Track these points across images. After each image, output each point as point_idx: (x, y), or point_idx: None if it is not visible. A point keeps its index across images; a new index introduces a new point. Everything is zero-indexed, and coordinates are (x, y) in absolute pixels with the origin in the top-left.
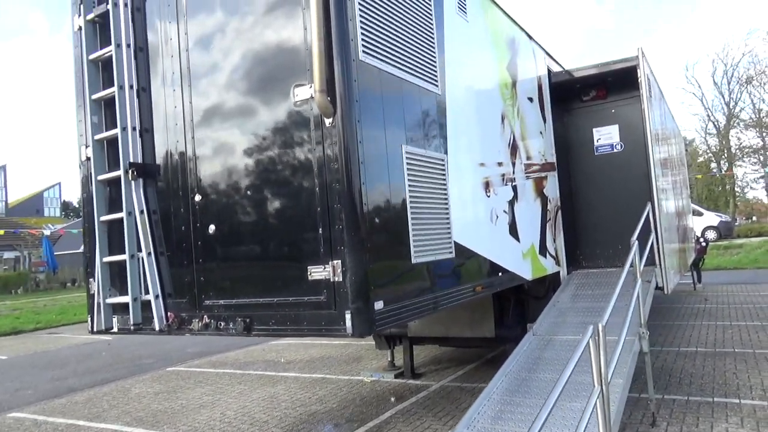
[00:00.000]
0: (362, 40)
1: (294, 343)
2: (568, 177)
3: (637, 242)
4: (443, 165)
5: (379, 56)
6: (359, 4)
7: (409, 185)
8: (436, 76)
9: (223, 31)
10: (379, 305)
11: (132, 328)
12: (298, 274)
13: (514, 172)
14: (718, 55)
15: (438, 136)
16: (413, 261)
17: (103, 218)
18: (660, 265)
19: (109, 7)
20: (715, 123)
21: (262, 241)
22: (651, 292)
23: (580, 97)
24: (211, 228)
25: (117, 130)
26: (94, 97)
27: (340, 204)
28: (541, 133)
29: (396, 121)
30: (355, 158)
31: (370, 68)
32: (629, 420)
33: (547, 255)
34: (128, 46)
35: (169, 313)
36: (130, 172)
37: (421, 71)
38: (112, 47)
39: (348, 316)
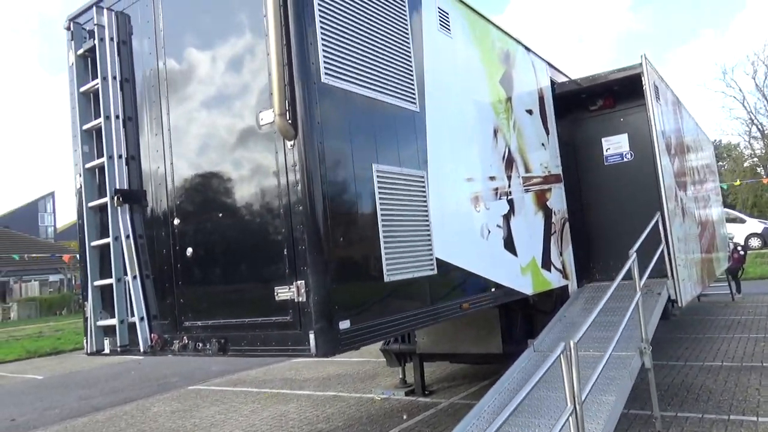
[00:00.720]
0: (324, 63)
1: (312, 360)
2: (578, 188)
3: (635, 254)
4: (422, 182)
5: (344, 78)
6: (321, 29)
7: (381, 203)
8: (413, 94)
9: (196, 60)
10: (344, 325)
11: (119, 349)
12: (266, 294)
13: (509, 186)
14: (759, 56)
15: (416, 153)
16: (386, 279)
17: (94, 243)
18: (672, 276)
19: (96, 42)
20: (759, 126)
21: (233, 262)
22: (661, 304)
23: (587, 107)
24: (189, 251)
25: (104, 159)
26: (84, 127)
27: (302, 225)
28: (543, 145)
29: (365, 141)
30: (317, 179)
31: (334, 90)
32: None
33: (552, 269)
34: (114, 78)
35: (152, 335)
36: (115, 198)
37: (394, 90)
38: (98, 80)
39: (312, 336)
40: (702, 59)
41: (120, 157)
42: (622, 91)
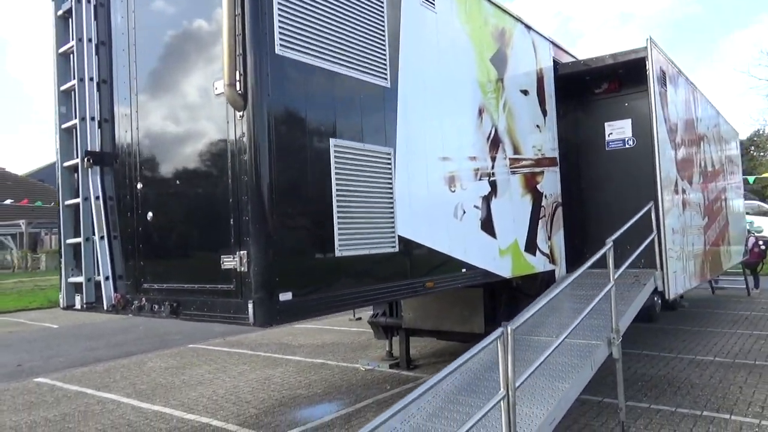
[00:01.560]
0: (280, 34)
1: (313, 328)
2: (577, 173)
3: (612, 243)
4: (389, 159)
5: (301, 50)
6: (278, 0)
7: (337, 178)
8: (384, 70)
9: (161, 27)
10: (286, 296)
11: (84, 306)
12: (214, 262)
13: (493, 167)
14: None
15: (383, 130)
16: (338, 254)
17: (68, 202)
18: (662, 267)
19: (73, 3)
20: None
21: (187, 229)
22: (644, 295)
23: (592, 89)
24: (149, 215)
25: (77, 120)
26: (62, 88)
27: (247, 196)
28: (538, 126)
29: (323, 115)
30: (263, 151)
31: (290, 62)
32: (601, 426)
33: (537, 252)
34: (89, 40)
35: (116, 294)
36: (85, 160)
37: (361, 65)
38: (73, 41)
39: (250, 306)
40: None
41: (93, 119)
42: (628, 75)
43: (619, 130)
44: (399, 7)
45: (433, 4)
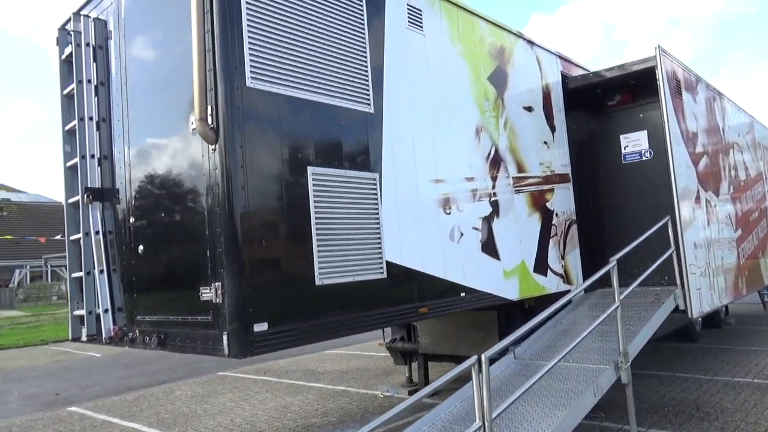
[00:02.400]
0: (251, 67)
1: (342, 353)
2: (594, 188)
3: (615, 262)
4: (374, 184)
5: (275, 81)
6: (250, 35)
7: (316, 206)
8: (367, 95)
9: (147, 66)
10: (261, 327)
11: (86, 338)
12: (194, 294)
13: (494, 187)
14: None
15: (367, 156)
16: (318, 283)
17: (72, 237)
18: (683, 285)
19: (73, 48)
20: None
21: (171, 261)
22: (661, 314)
23: (605, 101)
24: (140, 248)
25: (77, 159)
26: (66, 128)
27: (221, 227)
28: (545, 143)
29: (300, 144)
30: (236, 183)
31: (262, 94)
32: None
33: (549, 273)
34: (89, 81)
35: (114, 326)
36: (85, 196)
37: (341, 93)
38: (74, 83)
39: (225, 337)
40: None
41: (92, 156)
42: (641, 86)
43: (635, 143)
44: (382, 33)
45: (421, 28)
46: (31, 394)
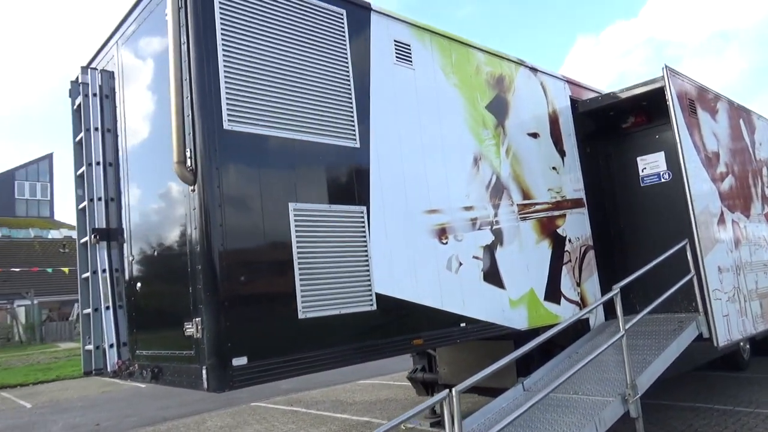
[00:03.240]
0: (228, 110)
1: (374, 383)
2: (613, 212)
3: (618, 290)
4: (361, 217)
5: (253, 122)
6: (226, 78)
7: (299, 241)
8: (353, 131)
9: (142, 112)
10: (240, 362)
11: (93, 372)
12: (180, 329)
13: (496, 215)
14: None
15: (353, 190)
16: (302, 316)
17: (83, 276)
18: (707, 311)
19: (81, 98)
20: None
21: (162, 298)
22: (679, 343)
23: (619, 124)
24: (138, 285)
25: (86, 202)
26: (77, 173)
27: (200, 265)
28: (554, 168)
29: (280, 181)
30: (214, 222)
31: (240, 135)
32: None
33: (563, 301)
34: (96, 129)
35: (118, 360)
36: (92, 236)
37: (324, 129)
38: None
39: (204, 372)
40: None
41: (99, 199)
42: (654, 106)
43: (653, 164)
44: (368, 69)
45: (410, 62)
46: (74, 424)
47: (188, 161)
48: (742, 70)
